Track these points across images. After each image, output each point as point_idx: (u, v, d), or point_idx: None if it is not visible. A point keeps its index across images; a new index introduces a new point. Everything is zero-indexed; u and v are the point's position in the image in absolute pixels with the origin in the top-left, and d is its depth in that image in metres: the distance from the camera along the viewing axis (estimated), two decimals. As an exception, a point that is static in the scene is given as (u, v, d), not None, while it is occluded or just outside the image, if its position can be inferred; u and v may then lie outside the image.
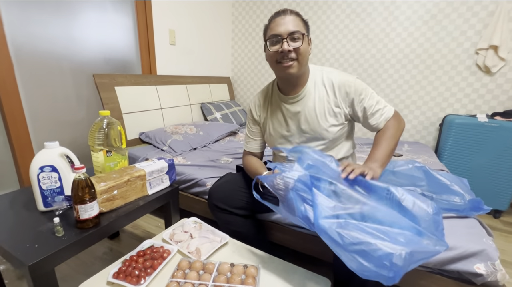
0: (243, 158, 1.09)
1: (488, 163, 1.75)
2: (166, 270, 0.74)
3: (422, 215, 0.60)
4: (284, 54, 0.82)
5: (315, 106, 0.91)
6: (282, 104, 0.96)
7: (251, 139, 1.07)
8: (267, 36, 0.85)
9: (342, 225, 0.59)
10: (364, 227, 0.58)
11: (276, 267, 0.78)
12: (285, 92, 0.95)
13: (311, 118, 0.92)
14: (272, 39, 0.83)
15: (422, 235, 0.57)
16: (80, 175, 0.72)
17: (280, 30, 0.81)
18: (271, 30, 0.84)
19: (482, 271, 0.78)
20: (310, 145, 0.95)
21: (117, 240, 1.41)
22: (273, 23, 0.83)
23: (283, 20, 0.81)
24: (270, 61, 0.88)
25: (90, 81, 1.66)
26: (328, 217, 0.61)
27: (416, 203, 0.62)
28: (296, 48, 0.81)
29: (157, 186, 1.01)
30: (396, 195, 0.63)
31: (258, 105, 1.03)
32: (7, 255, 0.67)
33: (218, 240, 0.87)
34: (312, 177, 0.67)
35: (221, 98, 2.71)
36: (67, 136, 1.62)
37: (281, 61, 0.83)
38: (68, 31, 1.54)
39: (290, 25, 0.81)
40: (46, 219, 0.80)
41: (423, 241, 0.56)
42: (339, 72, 0.92)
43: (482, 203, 0.94)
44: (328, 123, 0.91)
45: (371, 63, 2.27)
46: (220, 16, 2.64)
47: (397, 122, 0.90)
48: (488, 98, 1.94)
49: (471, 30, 1.89)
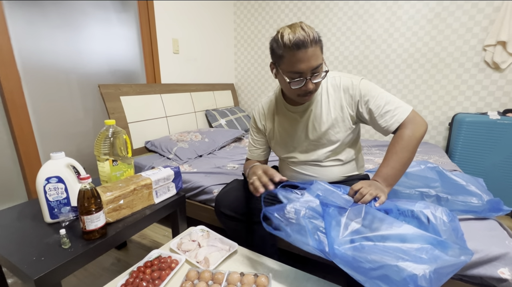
0: (245, 163, 1.07)
1: (502, 161, 1.69)
2: (174, 281, 0.72)
3: (439, 224, 0.57)
4: (306, 91, 0.78)
5: (322, 113, 0.89)
6: (289, 113, 0.95)
7: (254, 148, 1.06)
8: (286, 70, 0.76)
9: (358, 248, 0.56)
10: (382, 248, 0.54)
11: (288, 275, 0.75)
12: (292, 103, 0.93)
13: (319, 125, 0.90)
14: (293, 76, 0.76)
15: (445, 246, 0.53)
16: (86, 185, 0.72)
17: (303, 67, 0.73)
18: (290, 65, 0.74)
19: (507, 276, 0.73)
20: (318, 152, 0.93)
21: (125, 251, 1.40)
22: (292, 57, 0.73)
23: (305, 55, 0.71)
24: (287, 92, 0.83)
25: (96, 92, 1.67)
26: (342, 243, 0.58)
27: (430, 213, 0.59)
28: (317, 82, 0.78)
29: (163, 194, 1.00)
30: (408, 212, 0.61)
31: (263, 114, 1.01)
32: (14, 268, 0.65)
33: (227, 249, 0.85)
34: (323, 204, 0.66)
35: (226, 104, 2.71)
36: (74, 147, 1.63)
37: (302, 96, 0.80)
38: (74, 44, 1.57)
39: (312, 61, 0.73)
40: (53, 230, 0.79)
41: (448, 253, 0.52)
42: (343, 75, 0.89)
43: (502, 204, 0.90)
44: (336, 129, 0.89)
45: (376, 64, 2.24)
46: (222, 23, 2.67)
47: (411, 128, 0.79)
48: (499, 95, 1.89)
49: (477, 27, 1.86)
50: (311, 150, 0.94)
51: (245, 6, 2.72)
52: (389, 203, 0.67)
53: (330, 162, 0.94)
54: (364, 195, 0.69)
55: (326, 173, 0.95)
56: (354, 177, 0.99)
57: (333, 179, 0.96)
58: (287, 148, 0.98)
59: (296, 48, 0.71)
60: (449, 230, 0.56)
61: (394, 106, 0.82)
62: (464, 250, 0.52)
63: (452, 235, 0.56)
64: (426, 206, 0.61)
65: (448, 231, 0.56)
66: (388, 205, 0.66)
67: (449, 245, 0.53)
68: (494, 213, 0.91)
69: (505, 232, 0.87)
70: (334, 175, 0.95)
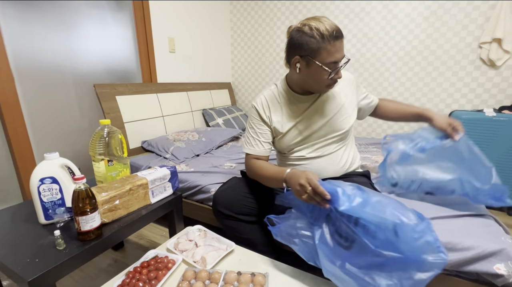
0: (249, 163, 0.99)
1: (498, 158, 1.70)
2: (171, 281, 0.72)
3: (408, 235, 0.57)
4: (337, 80, 0.85)
5: (331, 98, 0.96)
6: (300, 104, 0.97)
7: (258, 141, 0.98)
8: (325, 60, 0.79)
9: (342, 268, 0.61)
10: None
11: (285, 274, 0.74)
12: (301, 94, 0.96)
13: (328, 111, 0.95)
14: (332, 66, 0.81)
15: (413, 265, 0.55)
16: (80, 186, 0.71)
17: (339, 57, 0.81)
18: (331, 55, 0.78)
19: (503, 272, 0.74)
20: (327, 138, 0.97)
21: (122, 251, 1.39)
22: (332, 46, 0.77)
23: (341, 44, 0.80)
24: (317, 83, 0.86)
25: (92, 92, 1.66)
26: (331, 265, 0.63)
27: (399, 221, 0.58)
28: None
29: (160, 194, 0.99)
30: (372, 228, 0.61)
31: (266, 106, 0.99)
32: (8, 270, 0.65)
33: (224, 248, 0.85)
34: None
35: (223, 103, 2.71)
36: (69, 148, 1.62)
37: (331, 85, 0.87)
38: (68, 43, 1.55)
39: (343, 50, 0.82)
40: (47, 232, 0.78)
41: (418, 270, 0.54)
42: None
43: (506, 195, 0.84)
44: (344, 115, 0.96)
45: (372, 62, 2.24)
46: (218, 22, 2.66)
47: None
48: (495, 92, 1.90)
49: (473, 24, 1.87)
50: (322, 136, 0.97)
51: (242, 5, 2.71)
52: (359, 211, 0.63)
53: (333, 149, 0.98)
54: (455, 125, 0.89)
55: (329, 165, 0.97)
56: (355, 172, 1.03)
57: (336, 173, 0.99)
58: (296, 138, 0.97)
59: (336, 39, 0.77)
60: (419, 240, 0.56)
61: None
62: (436, 258, 0.53)
63: (423, 246, 0.56)
64: (394, 215, 0.59)
65: (416, 241, 0.56)
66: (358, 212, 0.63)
67: (418, 261, 0.54)
68: (494, 201, 0.85)
69: (501, 228, 0.88)
70: (337, 168, 0.98)
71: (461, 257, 0.79)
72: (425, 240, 0.55)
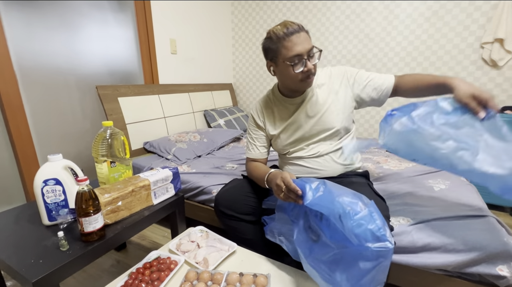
0: (246, 165, 1.07)
1: (501, 159, 1.69)
2: (174, 282, 0.72)
3: (348, 221, 0.57)
4: (308, 73, 0.84)
5: (318, 100, 0.95)
6: (289, 105, 0.98)
7: (254, 145, 1.06)
8: (287, 56, 0.82)
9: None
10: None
11: (287, 275, 0.75)
12: (289, 96, 0.98)
13: (317, 112, 0.95)
14: (295, 60, 0.82)
15: (357, 254, 0.56)
16: (83, 187, 0.71)
17: (301, 49, 0.81)
18: (290, 51, 0.81)
19: (506, 273, 0.74)
20: (320, 137, 0.97)
21: (124, 252, 1.40)
22: (288, 42, 0.80)
23: (299, 38, 0.80)
24: (290, 80, 0.88)
25: (94, 94, 1.67)
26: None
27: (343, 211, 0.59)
28: (315, 64, 0.84)
29: (162, 195, 1.00)
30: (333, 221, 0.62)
31: (260, 111, 1.05)
32: (12, 271, 0.65)
33: (226, 249, 0.85)
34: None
35: (224, 104, 2.71)
36: (72, 149, 1.62)
37: (305, 79, 0.86)
38: (71, 45, 1.56)
39: (306, 43, 0.81)
40: (51, 233, 0.79)
41: (363, 259, 0.55)
42: (333, 67, 1.00)
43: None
44: (334, 114, 0.95)
45: (374, 62, 2.24)
46: (220, 23, 2.67)
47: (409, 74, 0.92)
48: (497, 93, 1.90)
49: (475, 24, 1.86)
50: (314, 135, 0.97)
51: (243, 6, 2.71)
52: (316, 204, 0.65)
53: (332, 149, 0.97)
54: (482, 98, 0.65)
55: (327, 164, 0.97)
56: (354, 172, 1.02)
57: (335, 172, 0.99)
58: (290, 139, 1.00)
59: (290, 34, 0.80)
60: (360, 227, 0.56)
61: (381, 76, 0.94)
62: (380, 246, 0.54)
63: (365, 233, 0.56)
64: (339, 204, 0.59)
65: (358, 228, 0.56)
66: (315, 205, 0.65)
67: (362, 250, 0.55)
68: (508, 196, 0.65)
69: (503, 229, 0.87)
70: (336, 166, 0.98)
71: (463, 258, 0.78)
72: (366, 228, 0.55)
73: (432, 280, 0.86)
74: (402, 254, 0.88)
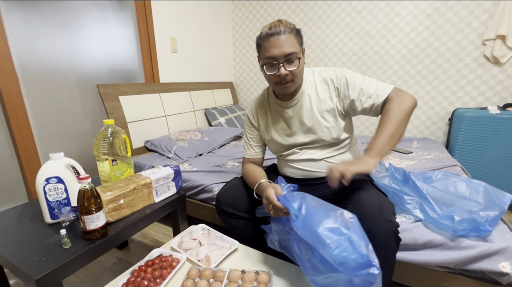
0: (242, 166, 1.06)
1: (502, 156, 1.69)
2: (176, 279, 0.72)
3: (328, 253, 0.55)
4: (281, 78, 0.82)
5: (312, 106, 0.91)
6: (281, 109, 0.97)
7: (250, 145, 1.06)
8: (263, 56, 0.82)
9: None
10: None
11: (289, 272, 0.75)
12: (282, 99, 0.96)
13: (311, 117, 0.92)
14: (268, 63, 0.81)
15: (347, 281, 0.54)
16: (85, 185, 0.71)
17: (275, 53, 0.78)
18: (265, 51, 0.80)
19: (508, 270, 0.73)
20: (314, 146, 0.94)
21: (126, 250, 1.40)
22: (267, 42, 0.79)
23: (277, 41, 0.77)
24: (269, 81, 0.88)
25: (95, 92, 1.67)
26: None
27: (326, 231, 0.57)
28: (292, 70, 0.81)
29: (163, 193, 1.00)
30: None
31: (255, 111, 1.04)
32: (15, 269, 0.65)
33: (228, 247, 0.85)
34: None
35: (225, 103, 2.71)
36: (74, 148, 1.63)
37: (279, 84, 0.84)
38: (71, 44, 1.56)
39: (285, 47, 0.77)
40: (53, 231, 0.79)
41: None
42: (328, 69, 0.92)
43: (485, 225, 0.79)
44: (328, 119, 0.91)
45: (375, 60, 2.23)
46: (220, 21, 2.66)
47: (398, 101, 0.80)
48: (499, 90, 1.89)
49: (477, 21, 1.85)
50: (307, 143, 0.95)
51: (243, 4, 2.71)
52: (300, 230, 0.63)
53: (326, 155, 0.95)
54: (333, 175, 0.71)
55: (323, 167, 0.95)
56: None
57: None
58: (283, 143, 0.98)
59: (270, 35, 0.78)
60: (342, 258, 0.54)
61: (377, 86, 0.85)
62: (365, 274, 0.52)
63: (349, 263, 0.53)
64: (318, 236, 0.57)
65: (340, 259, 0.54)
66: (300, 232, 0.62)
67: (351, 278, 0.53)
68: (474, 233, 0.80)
69: (506, 226, 0.87)
70: None
71: (465, 255, 0.78)
72: (350, 258, 0.53)
73: (434, 277, 0.86)
74: (404, 251, 0.88)
